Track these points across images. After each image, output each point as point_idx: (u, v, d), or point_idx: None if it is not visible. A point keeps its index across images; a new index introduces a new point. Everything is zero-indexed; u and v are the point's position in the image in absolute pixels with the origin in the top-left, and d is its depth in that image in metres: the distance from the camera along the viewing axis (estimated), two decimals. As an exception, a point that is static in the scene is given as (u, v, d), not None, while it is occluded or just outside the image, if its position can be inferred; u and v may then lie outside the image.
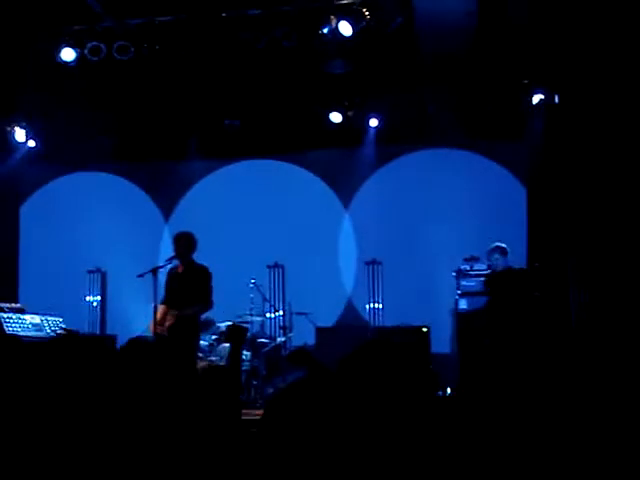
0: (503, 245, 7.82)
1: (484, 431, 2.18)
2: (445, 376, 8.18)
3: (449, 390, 7.13)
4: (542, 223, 9.66)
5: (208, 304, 7.44)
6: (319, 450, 1.93)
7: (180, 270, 7.46)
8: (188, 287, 7.34)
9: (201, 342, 8.27)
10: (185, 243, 7.38)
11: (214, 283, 7.51)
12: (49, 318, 7.83)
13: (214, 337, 9.30)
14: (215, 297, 7.66)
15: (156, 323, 7.24)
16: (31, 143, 10.85)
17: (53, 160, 11.27)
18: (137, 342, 2.40)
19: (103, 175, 11.67)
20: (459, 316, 8.37)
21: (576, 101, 9.32)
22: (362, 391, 2.04)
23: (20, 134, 10.61)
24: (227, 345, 9.12)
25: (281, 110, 10.44)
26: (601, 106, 9.02)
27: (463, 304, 8.22)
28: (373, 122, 10.49)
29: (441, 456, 2.12)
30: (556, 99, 9.65)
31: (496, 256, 7.80)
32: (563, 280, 8.04)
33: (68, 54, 9.02)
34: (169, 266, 7.52)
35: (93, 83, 9.50)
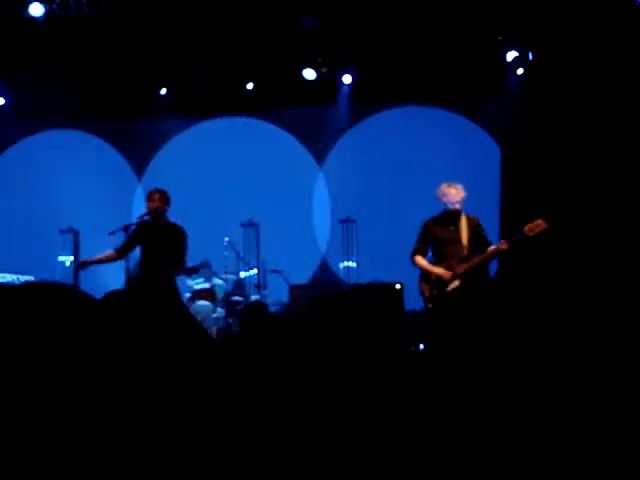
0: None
1: (454, 384, 2.19)
2: (418, 332, 8.24)
3: (422, 346, 7.17)
4: (516, 181, 9.69)
5: (183, 265, 7.42)
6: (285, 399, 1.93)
7: (153, 228, 7.38)
8: (162, 245, 7.28)
9: None
10: (158, 200, 7.32)
11: (188, 242, 7.48)
12: (20, 277, 7.78)
13: (187, 296, 9.31)
14: (190, 256, 7.64)
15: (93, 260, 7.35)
16: (0, 101, 10.67)
17: (23, 118, 11.09)
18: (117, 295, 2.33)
19: (74, 133, 11.52)
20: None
21: (551, 58, 9.31)
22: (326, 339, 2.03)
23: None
24: (205, 303, 9.12)
25: (254, 66, 10.33)
26: (576, 63, 9.01)
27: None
28: (347, 79, 10.42)
29: (414, 410, 2.13)
30: (530, 56, 9.63)
31: None
32: (536, 241, 8.07)
33: (37, 9, 8.85)
34: (137, 222, 7.46)
35: (63, 39, 9.33)
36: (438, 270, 7.13)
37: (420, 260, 7.33)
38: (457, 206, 7.15)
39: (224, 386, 1.91)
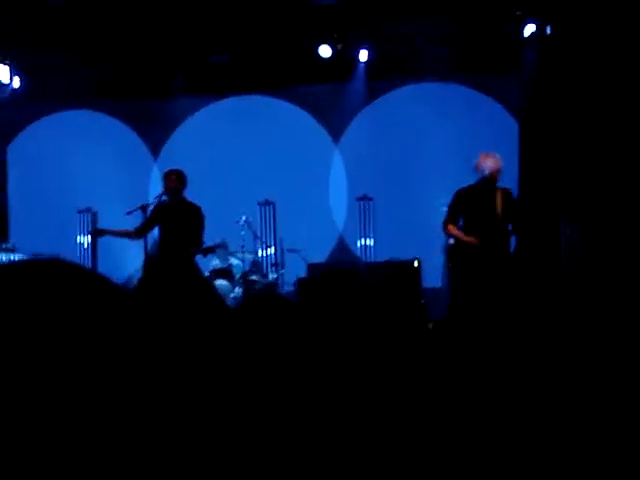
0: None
1: (468, 363, 2.17)
2: (437, 310, 8.23)
3: (430, 325, 7.15)
4: (534, 157, 9.62)
5: (200, 244, 7.45)
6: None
7: (171, 208, 7.40)
8: (180, 225, 7.31)
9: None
10: (175, 180, 7.34)
11: (205, 222, 7.51)
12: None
13: (207, 274, 9.33)
14: (207, 236, 7.66)
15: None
16: (16, 82, 10.69)
17: (39, 99, 11.11)
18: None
19: (90, 113, 11.52)
20: (449, 250, 8.35)
21: (569, 32, 9.20)
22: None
23: (4, 73, 10.44)
24: (223, 282, 9.14)
25: (269, 44, 10.28)
26: (594, 37, 8.90)
27: (452, 239, 8.19)
28: (363, 56, 10.35)
29: (428, 387, 2.12)
30: (548, 30, 9.52)
31: None
32: (554, 214, 8.04)
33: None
34: (155, 203, 7.49)
35: (79, 19, 9.31)
36: (470, 238, 7.01)
37: (453, 229, 7.20)
38: (493, 175, 7.01)
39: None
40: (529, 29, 9.52)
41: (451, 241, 7.59)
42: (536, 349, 2.12)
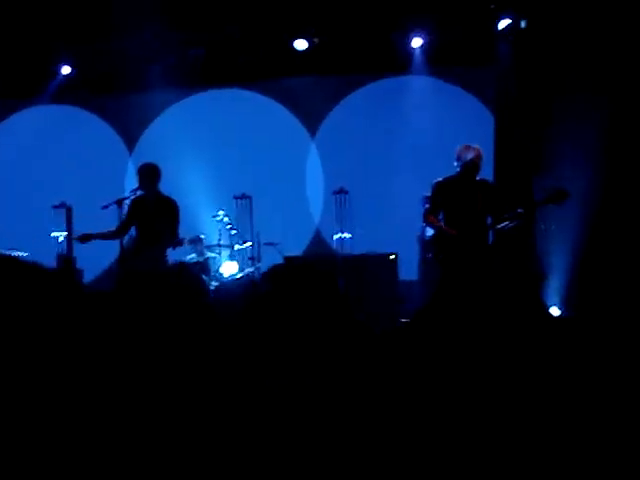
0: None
1: (441, 355, 2.18)
2: (413, 302, 8.26)
3: (403, 320, 7.18)
4: (509, 149, 9.67)
5: (176, 237, 7.49)
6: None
7: (146, 202, 7.42)
8: (156, 219, 7.33)
9: None
10: (150, 174, 7.35)
11: (181, 216, 7.53)
12: (14, 253, 7.74)
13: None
14: (182, 229, 7.66)
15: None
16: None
17: (11, 93, 11.00)
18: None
19: (65, 107, 11.44)
20: (425, 243, 8.38)
21: (543, 26, 9.26)
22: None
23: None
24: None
25: (245, 37, 10.24)
26: (568, 31, 8.96)
27: (429, 231, 8.21)
28: (339, 49, 10.33)
29: (401, 380, 2.13)
30: (522, 24, 9.57)
31: None
32: (528, 207, 8.07)
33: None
34: (133, 197, 7.51)
35: (50, 13, 9.23)
36: (450, 230, 7.01)
37: (434, 220, 7.18)
38: (474, 167, 7.00)
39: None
40: (504, 23, 9.56)
41: (428, 233, 7.61)
42: (515, 341, 2.13)
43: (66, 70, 10.82)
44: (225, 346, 1.99)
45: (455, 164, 7.07)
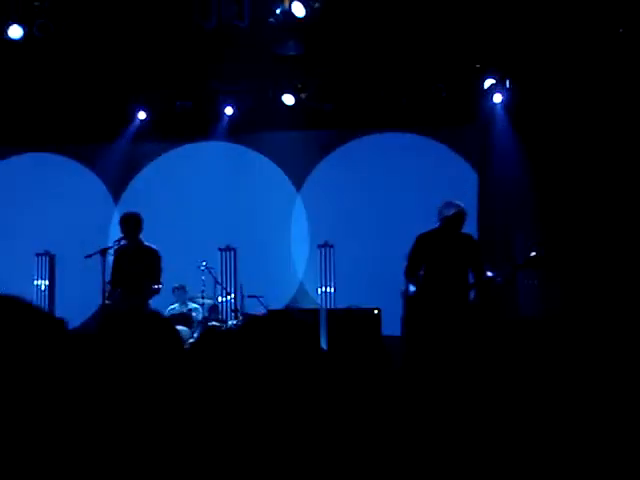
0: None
1: (426, 410, 2.18)
2: (396, 358, 8.22)
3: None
4: (492, 207, 9.76)
5: (158, 286, 7.47)
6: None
7: (129, 251, 7.42)
8: (138, 268, 7.33)
9: None
10: (133, 224, 7.36)
11: (164, 265, 7.51)
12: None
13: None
14: (166, 280, 7.64)
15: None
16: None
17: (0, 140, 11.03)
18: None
19: (52, 156, 11.46)
20: (408, 299, 8.37)
21: (528, 85, 9.42)
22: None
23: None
24: (182, 328, 9.07)
25: (233, 91, 10.36)
26: (553, 90, 9.12)
27: (413, 287, 8.21)
28: (325, 105, 10.44)
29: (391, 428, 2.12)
30: (507, 84, 9.73)
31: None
32: (511, 264, 8.11)
33: (15, 31, 8.83)
34: (116, 247, 7.50)
35: (40, 60, 9.31)
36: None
37: (413, 278, 7.18)
38: (456, 222, 7.02)
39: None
40: (489, 82, 9.71)
41: (411, 289, 7.61)
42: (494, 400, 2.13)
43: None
44: (194, 392, 1.98)
45: (438, 217, 7.11)
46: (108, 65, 9.56)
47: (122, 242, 7.44)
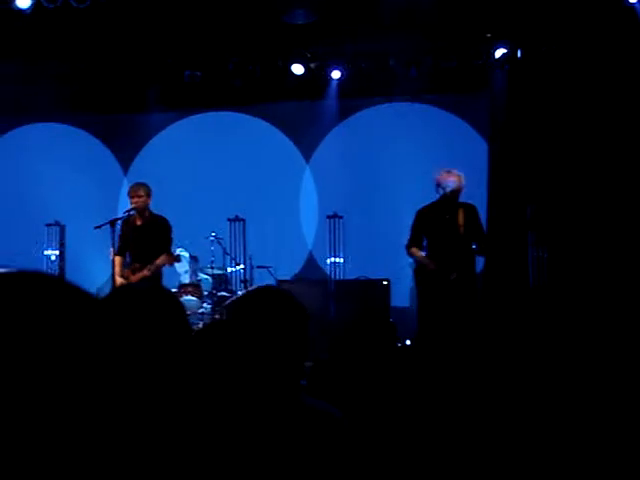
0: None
1: (440, 379, 2.19)
2: (405, 328, 8.26)
3: (408, 342, 7.19)
4: (502, 177, 9.71)
5: (170, 255, 7.52)
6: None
7: (139, 221, 7.45)
8: (149, 238, 7.37)
9: None
10: (143, 194, 7.38)
11: (174, 236, 7.54)
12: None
13: (174, 291, 9.27)
14: (175, 250, 7.67)
15: (119, 276, 7.32)
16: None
17: (8, 111, 11.02)
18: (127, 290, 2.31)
19: (61, 126, 11.46)
20: (414, 270, 8.39)
21: (538, 55, 9.34)
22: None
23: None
24: (191, 298, 9.10)
25: (243, 61, 10.31)
26: (563, 60, 9.04)
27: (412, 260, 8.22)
28: (335, 74, 10.39)
29: (401, 402, 2.13)
30: (519, 53, 9.65)
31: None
32: (521, 235, 8.10)
33: (23, 1, 8.79)
34: (124, 217, 7.53)
35: (49, 32, 9.27)
36: (429, 263, 7.05)
37: (416, 251, 7.22)
38: (455, 192, 7.02)
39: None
40: (499, 52, 9.63)
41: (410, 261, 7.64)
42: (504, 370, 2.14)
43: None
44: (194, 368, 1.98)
45: (437, 189, 7.11)
46: (118, 36, 9.51)
47: (132, 212, 7.47)
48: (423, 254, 7.24)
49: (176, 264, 8.66)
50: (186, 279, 9.59)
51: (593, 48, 8.75)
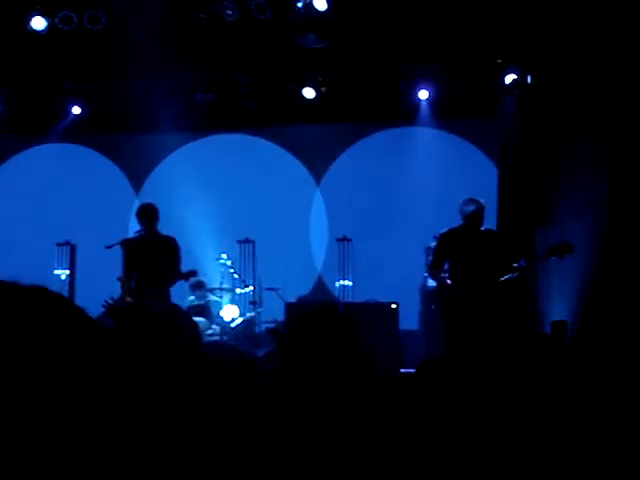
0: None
1: (449, 406, 2.19)
2: (413, 353, 8.24)
3: (403, 371, 7.16)
4: (513, 202, 9.71)
5: (178, 275, 7.47)
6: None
7: (147, 242, 7.42)
8: (158, 258, 7.34)
9: None
10: (151, 214, 7.38)
11: (183, 256, 7.53)
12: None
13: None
14: (184, 269, 7.66)
15: (127, 296, 7.29)
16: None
17: (22, 130, 11.11)
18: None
19: (74, 147, 11.53)
20: (426, 294, 8.39)
21: (549, 81, 9.37)
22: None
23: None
24: (200, 319, 9.10)
25: (255, 85, 10.37)
26: (573, 86, 9.07)
27: (431, 282, 8.23)
28: (346, 99, 10.44)
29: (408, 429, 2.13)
30: (529, 79, 9.68)
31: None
32: (530, 259, 8.06)
33: (39, 23, 8.89)
34: (135, 238, 7.51)
35: (64, 52, 9.37)
36: (453, 290, 7.03)
37: (437, 274, 7.23)
38: (477, 219, 7.06)
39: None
40: (510, 77, 9.67)
41: (431, 284, 7.63)
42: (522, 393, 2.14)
43: (76, 110, 10.91)
44: (213, 395, 1.99)
45: (460, 216, 7.14)
46: (131, 57, 9.59)
47: (141, 234, 7.45)
48: (446, 278, 7.23)
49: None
50: (194, 301, 9.61)
51: (603, 74, 8.77)
